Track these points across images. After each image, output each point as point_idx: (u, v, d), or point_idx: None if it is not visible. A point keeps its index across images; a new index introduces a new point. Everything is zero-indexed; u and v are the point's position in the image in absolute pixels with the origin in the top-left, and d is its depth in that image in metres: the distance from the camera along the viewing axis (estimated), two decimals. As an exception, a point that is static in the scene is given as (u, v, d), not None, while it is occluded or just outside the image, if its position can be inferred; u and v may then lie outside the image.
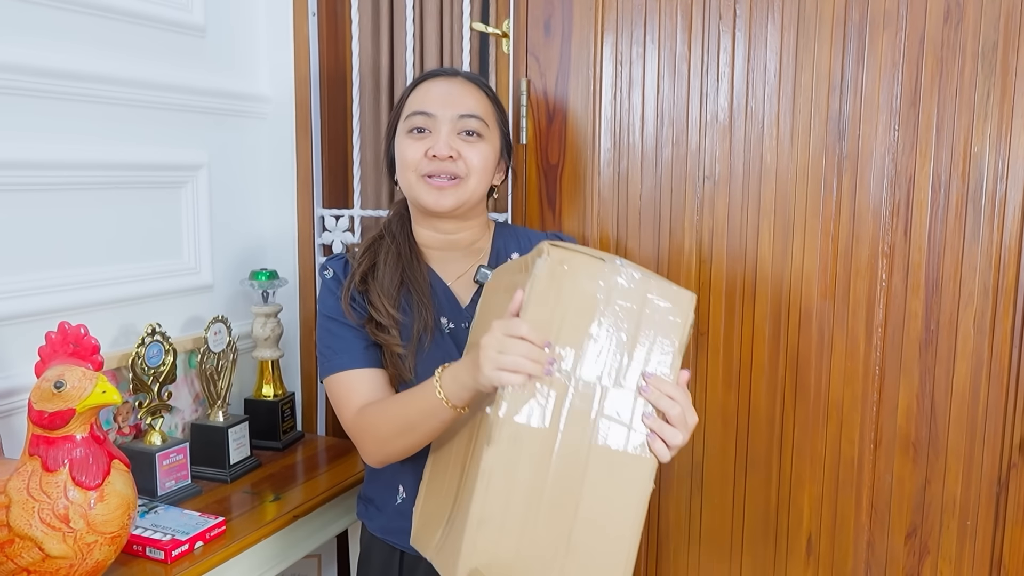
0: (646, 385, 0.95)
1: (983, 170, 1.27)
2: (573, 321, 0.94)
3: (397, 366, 1.17)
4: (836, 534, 1.42)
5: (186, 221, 1.60)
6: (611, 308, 0.95)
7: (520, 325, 0.91)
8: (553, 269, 0.94)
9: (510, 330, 0.91)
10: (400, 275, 1.21)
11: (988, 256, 1.28)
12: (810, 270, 1.38)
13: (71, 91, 1.36)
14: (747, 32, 1.38)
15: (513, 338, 0.91)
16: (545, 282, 0.93)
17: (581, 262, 0.95)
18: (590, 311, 0.95)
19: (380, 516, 1.26)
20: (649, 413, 0.95)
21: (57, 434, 1.06)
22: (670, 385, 0.96)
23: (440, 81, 1.24)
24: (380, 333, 1.18)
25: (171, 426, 1.56)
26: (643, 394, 0.95)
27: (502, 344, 0.91)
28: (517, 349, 0.91)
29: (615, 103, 1.48)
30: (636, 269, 0.97)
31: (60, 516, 1.04)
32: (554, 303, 0.94)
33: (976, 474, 1.32)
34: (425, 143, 1.20)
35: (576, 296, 0.94)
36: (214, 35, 1.64)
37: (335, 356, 1.19)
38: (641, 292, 0.96)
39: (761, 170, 1.40)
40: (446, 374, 1.02)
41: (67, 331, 1.11)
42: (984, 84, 1.26)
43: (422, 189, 1.20)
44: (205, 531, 1.25)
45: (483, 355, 0.92)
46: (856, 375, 1.37)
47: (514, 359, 0.90)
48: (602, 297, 0.95)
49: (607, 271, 0.95)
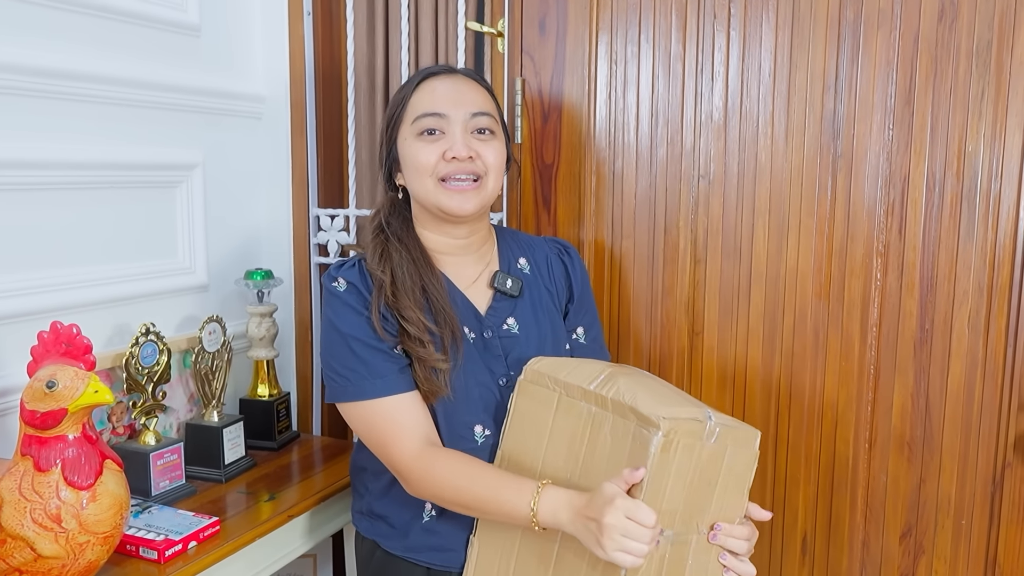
0: (715, 534, 1.03)
1: (977, 169, 1.27)
2: (674, 486, 0.99)
3: (432, 382, 1.13)
4: (831, 534, 1.42)
5: (181, 221, 1.60)
6: (702, 465, 1.00)
7: (649, 515, 0.94)
8: (667, 444, 0.97)
9: (638, 517, 0.94)
10: (420, 284, 1.16)
11: (983, 255, 1.28)
12: (805, 269, 1.38)
13: (65, 90, 1.36)
14: (741, 31, 1.38)
15: (637, 525, 0.94)
16: (660, 457, 0.97)
17: (686, 428, 0.99)
18: (687, 472, 0.99)
19: (402, 535, 1.21)
20: (724, 554, 1.04)
21: (49, 434, 1.06)
22: (738, 528, 1.04)
23: (444, 79, 1.20)
24: (419, 348, 1.12)
25: (166, 426, 1.56)
26: (712, 542, 1.03)
27: (626, 529, 0.94)
28: (643, 536, 0.94)
29: (610, 102, 1.48)
30: (721, 419, 1.03)
31: (52, 516, 1.04)
32: (665, 475, 0.98)
33: (971, 473, 1.32)
34: (440, 145, 1.16)
35: (680, 462, 0.99)
36: (209, 34, 1.64)
37: (365, 381, 1.13)
38: (723, 443, 1.02)
39: (756, 169, 1.40)
40: (545, 502, 1.02)
41: (59, 331, 1.10)
42: (978, 83, 1.26)
43: (442, 194, 1.16)
44: (199, 531, 1.25)
45: (607, 536, 0.94)
46: (851, 374, 1.37)
47: (637, 545, 0.94)
48: (696, 459, 1.00)
49: (705, 432, 1.00)
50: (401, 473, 1.14)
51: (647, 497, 0.96)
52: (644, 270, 1.49)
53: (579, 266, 1.33)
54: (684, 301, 1.47)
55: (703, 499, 1.02)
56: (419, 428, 1.14)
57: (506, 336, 1.21)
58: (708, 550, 1.03)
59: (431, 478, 1.11)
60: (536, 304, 1.26)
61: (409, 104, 1.19)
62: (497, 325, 1.22)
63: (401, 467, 1.13)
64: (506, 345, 1.21)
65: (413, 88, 1.20)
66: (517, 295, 1.24)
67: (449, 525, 1.18)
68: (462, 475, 1.09)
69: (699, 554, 1.03)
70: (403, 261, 1.18)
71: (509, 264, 1.28)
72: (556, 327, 1.26)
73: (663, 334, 1.49)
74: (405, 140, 1.19)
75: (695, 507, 1.01)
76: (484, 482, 1.08)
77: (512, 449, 1.15)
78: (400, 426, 1.13)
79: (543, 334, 1.23)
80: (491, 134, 1.19)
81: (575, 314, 1.30)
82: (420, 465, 1.11)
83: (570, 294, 1.31)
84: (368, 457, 1.23)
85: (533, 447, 1.11)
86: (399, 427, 1.13)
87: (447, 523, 1.19)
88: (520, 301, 1.24)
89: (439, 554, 1.19)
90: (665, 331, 1.49)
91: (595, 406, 1.05)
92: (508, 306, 1.23)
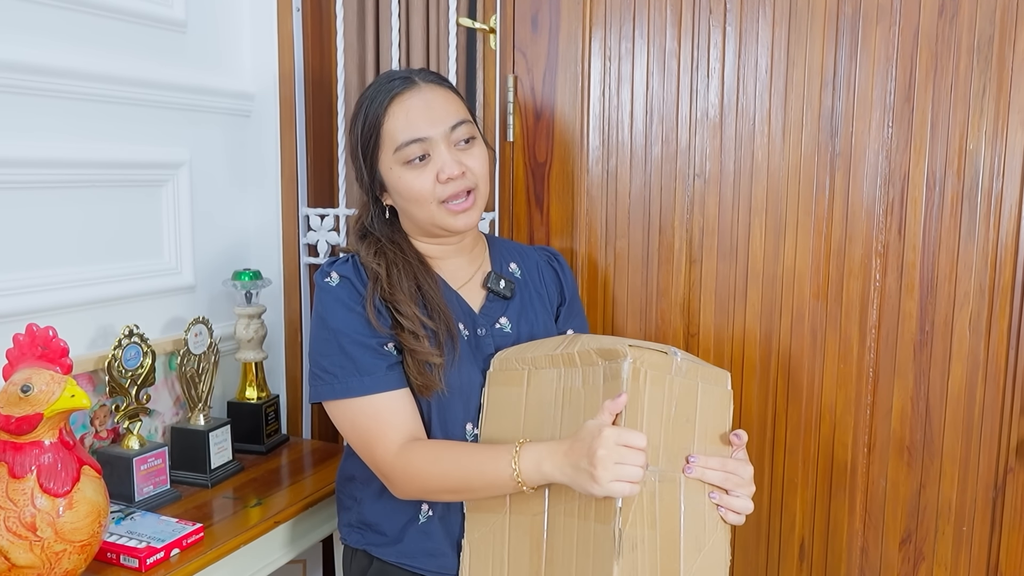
0: (688, 467, 1.02)
1: (979, 167, 1.24)
2: (650, 418, 1.00)
3: (427, 376, 1.11)
4: (829, 539, 1.39)
5: (167, 220, 1.57)
6: (675, 399, 1.02)
7: (639, 436, 0.93)
8: (636, 371, 0.98)
9: (628, 441, 0.93)
10: (415, 282, 1.16)
11: (984, 255, 1.25)
12: (802, 270, 1.36)
13: (46, 87, 1.33)
14: (738, 27, 1.35)
15: (630, 449, 0.93)
16: (632, 385, 0.98)
17: (651, 359, 1.00)
18: (661, 405, 1.01)
19: (394, 541, 1.18)
20: (713, 492, 1.04)
21: (24, 439, 1.03)
22: (713, 459, 1.03)
23: (412, 96, 1.14)
24: (414, 342, 1.11)
25: (151, 429, 1.53)
26: (687, 475, 1.02)
27: (621, 455, 0.92)
28: (635, 459, 0.93)
29: (604, 100, 1.45)
30: (686, 357, 1.04)
31: (27, 524, 1.01)
32: (637, 403, 0.99)
33: (972, 478, 1.29)
34: (430, 169, 1.13)
35: (651, 393, 1.00)
36: (195, 30, 1.61)
37: (352, 378, 1.11)
38: (693, 380, 1.04)
39: (752, 168, 1.37)
40: (526, 458, 1.01)
41: (35, 333, 1.07)
42: (980, 79, 1.23)
43: (445, 216, 1.15)
44: (182, 538, 1.22)
45: (601, 467, 0.92)
46: (849, 377, 1.35)
47: (632, 470, 0.93)
48: (668, 391, 1.01)
49: (668, 363, 1.02)
50: (385, 473, 1.12)
51: (627, 424, 0.96)
52: (639, 270, 1.46)
53: (568, 272, 1.34)
54: (679, 302, 1.44)
55: (682, 437, 1.02)
56: (405, 426, 1.11)
57: (499, 335, 1.21)
58: (700, 490, 1.03)
59: (413, 470, 1.09)
60: (528, 306, 1.26)
61: (384, 131, 1.15)
62: (490, 324, 1.21)
63: (384, 466, 1.11)
64: (499, 343, 1.21)
65: (384, 111, 1.15)
66: (510, 296, 1.24)
67: (443, 527, 1.17)
68: (443, 458, 1.08)
69: (691, 495, 1.02)
70: (397, 259, 1.17)
71: (501, 267, 1.28)
72: (548, 327, 1.27)
73: (658, 336, 1.46)
74: (391, 169, 1.16)
75: (677, 445, 1.02)
76: (465, 459, 1.07)
77: (490, 435, 1.13)
78: (385, 423, 1.11)
79: (535, 334, 1.23)
80: (472, 140, 1.18)
81: (566, 317, 1.31)
82: (400, 462, 1.10)
83: (561, 298, 1.32)
84: (356, 464, 1.21)
85: (511, 426, 1.10)
86: (384, 425, 1.11)
87: (442, 525, 1.17)
88: (512, 302, 1.25)
89: (434, 559, 1.17)
90: (660, 333, 1.46)
91: (563, 367, 1.06)
92: (500, 306, 1.24)
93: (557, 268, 1.33)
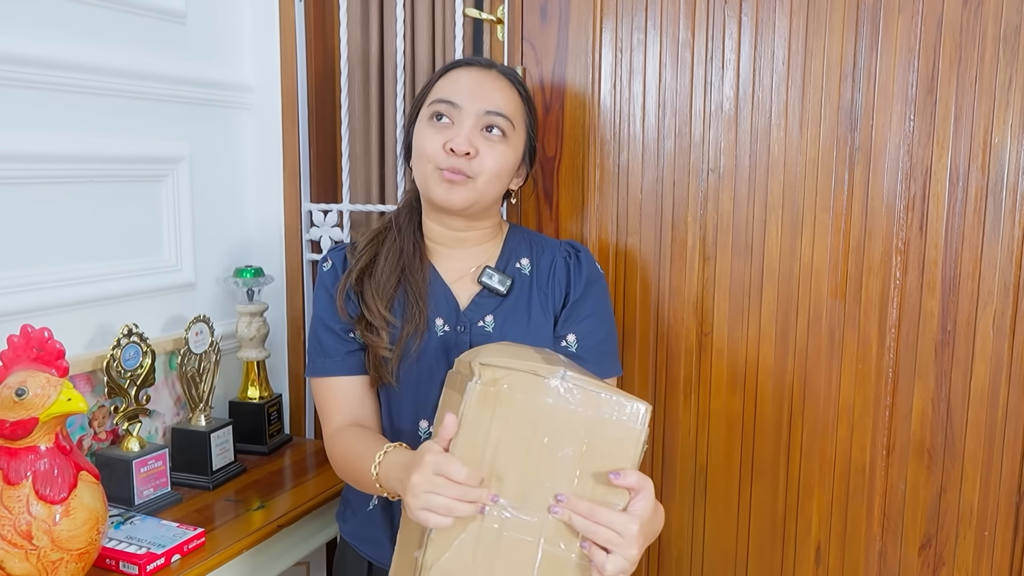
0: (556, 506, 0.89)
1: (1004, 161, 1.21)
2: (507, 447, 0.89)
3: (380, 369, 1.15)
4: (846, 544, 1.36)
5: (166, 216, 1.54)
6: (551, 430, 0.89)
7: (455, 467, 0.85)
8: (486, 392, 0.88)
9: (445, 471, 0.86)
10: (399, 273, 1.17)
11: (1008, 252, 1.22)
12: (820, 267, 1.32)
13: (42, 79, 1.30)
14: (754, 17, 1.32)
15: (446, 480, 0.86)
16: (477, 408, 0.88)
17: (518, 380, 0.89)
18: (527, 435, 0.89)
19: (353, 519, 1.24)
20: (584, 542, 0.89)
21: (19, 445, 1.00)
22: (585, 504, 0.89)
23: (473, 70, 1.16)
24: (369, 334, 1.15)
25: (151, 430, 1.50)
26: (554, 514, 0.89)
27: (433, 484, 0.86)
28: (449, 492, 0.85)
29: (615, 92, 1.41)
30: (581, 383, 0.90)
31: (22, 532, 0.98)
32: (488, 428, 0.89)
33: (994, 482, 1.26)
34: (445, 135, 1.12)
35: (513, 419, 0.89)
36: (195, 21, 1.57)
37: (318, 359, 1.19)
38: (586, 410, 0.90)
39: (768, 162, 1.33)
40: (386, 464, 0.99)
41: (30, 334, 1.04)
42: (1006, 70, 1.19)
43: (434, 182, 1.13)
44: (183, 543, 1.19)
45: (411, 494, 0.87)
46: (868, 378, 1.31)
47: (444, 502, 0.85)
48: (535, 418, 0.89)
49: (547, 388, 0.89)
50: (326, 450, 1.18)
51: (461, 451, 0.88)
52: (650, 267, 1.43)
53: (585, 269, 1.21)
54: (692, 300, 1.41)
55: (558, 474, 0.90)
56: (348, 410, 1.17)
57: (478, 333, 1.16)
58: (570, 537, 0.90)
59: (333, 454, 1.15)
60: (522, 307, 1.18)
61: (433, 89, 1.17)
62: (473, 321, 1.17)
63: (326, 443, 1.18)
64: (476, 343, 1.14)
65: (445, 73, 1.18)
66: (504, 293, 1.18)
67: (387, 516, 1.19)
68: (348, 449, 1.11)
69: (554, 538, 0.90)
70: (393, 247, 1.19)
71: (508, 263, 1.21)
72: (540, 331, 1.17)
73: (670, 334, 1.43)
74: (419, 122, 1.17)
75: (548, 481, 0.90)
76: (357, 454, 1.08)
77: None
78: (332, 405, 1.17)
79: (517, 338, 1.15)
80: (501, 136, 1.13)
81: (566, 319, 1.19)
82: (330, 443, 1.16)
83: (566, 299, 1.20)
84: None
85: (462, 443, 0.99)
86: (332, 406, 1.18)
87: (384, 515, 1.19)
88: (505, 301, 1.18)
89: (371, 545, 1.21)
90: (672, 331, 1.42)
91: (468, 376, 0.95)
92: (490, 304, 1.18)
93: (572, 264, 1.21)
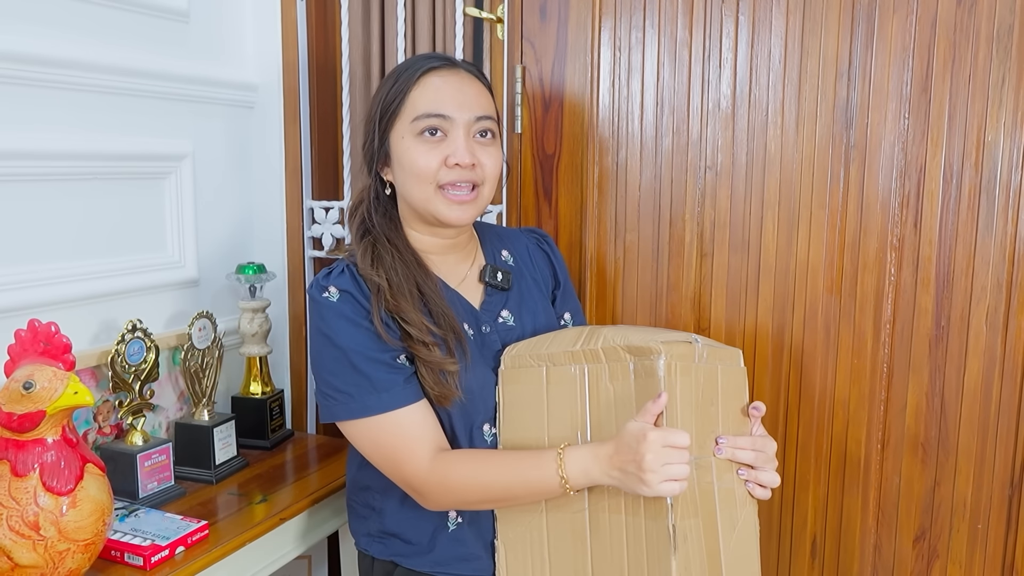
0: (718, 448, 1.04)
1: (997, 159, 1.22)
2: (683, 409, 1.01)
3: (443, 385, 1.08)
4: (842, 537, 1.37)
5: (170, 213, 1.55)
6: (701, 386, 1.04)
7: (683, 436, 0.96)
8: (669, 368, 1.00)
9: (673, 442, 0.95)
10: (416, 287, 1.11)
11: (1001, 249, 1.23)
12: (816, 264, 1.33)
13: (47, 78, 1.31)
14: (751, 16, 1.33)
15: (675, 449, 0.95)
16: (667, 380, 1.00)
17: (679, 351, 1.02)
18: (691, 395, 1.02)
19: (425, 551, 1.15)
20: (742, 469, 1.06)
21: (27, 437, 1.01)
22: (740, 439, 1.05)
23: (447, 75, 1.12)
24: (423, 351, 1.07)
25: (155, 425, 1.51)
26: (718, 455, 1.04)
27: (667, 456, 0.95)
28: (681, 458, 0.95)
29: (613, 90, 1.43)
30: (704, 341, 1.06)
31: (30, 524, 0.99)
32: (674, 398, 1.00)
33: (988, 475, 1.28)
34: (441, 149, 1.10)
35: (683, 384, 1.01)
36: (198, 20, 1.59)
37: (369, 396, 1.07)
38: (713, 364, 1.05)
39: (765, 160, 1.35)
40: (572, 464, 1.02)
41: (37, 329, 1.05)
42: (999, 69, 1.21)
43: (440, 203, 1.11)
44: (187, 535, 1.21)
45: (650, 472, 0.94)
46: (863, 373, 1.33)
47: (679, 468, 0.95)
48: (695, 380, 1.03)
49: (692, 352, 1.03)
50: (417, 489, 1.09)
51: (670, 423, 0.98)
52: (649, 264, 1.44)
53: (558, 253, 1.33)
54: (690, 296, 1.42)
55: (710, 421, 1.04)
56: (430, 439, 1.09)
57: (503, 329, 1.19)
58: (729, 469, 1.05)
59: (451, 484, 1.06)
60: (526, 294, 1.24)
61: (408, 99, 1.12)
62: (492, 319, 1.19)
63: (416, 483, 1.08)
64: (504, 338, 1.18)
65: (414, 82, 1.12)
66: (508, 287, 1.21)
67: (474, 530, 1.15)
68: (482, 471, 1.07)
69: (722, 475, 1.04)
70: (396, 263, 1.12)
71: (494, 258, 1.25)
72: (548, 315, 1.25)
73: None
74: (402, 138, 1.12)
75: (706, 430, 1.04)
76: (507, 469, 1.06)
77: (512, 438, 1.11)
78: (412, 439, 1.07)
79: (537, 323, 1.21)
80: (492, 137, 1.15)
81: (562, 300, 1.30)
82: (435, 477, 1.07)
83: (555, 281, 1.30)
84: (372, 475, 1.17)
85: (535, 427, 1.09)
86: (411, 440, 1.07)
87: (473, 529, 1.15)
88: (511, 293, 1.22)
89: (468, 564, 1.15)
90: (671, 326, 1.44)
91: (587, 363, 1.06)
92: (500, 299, 1.21)
93: (547, 250, 1.31)
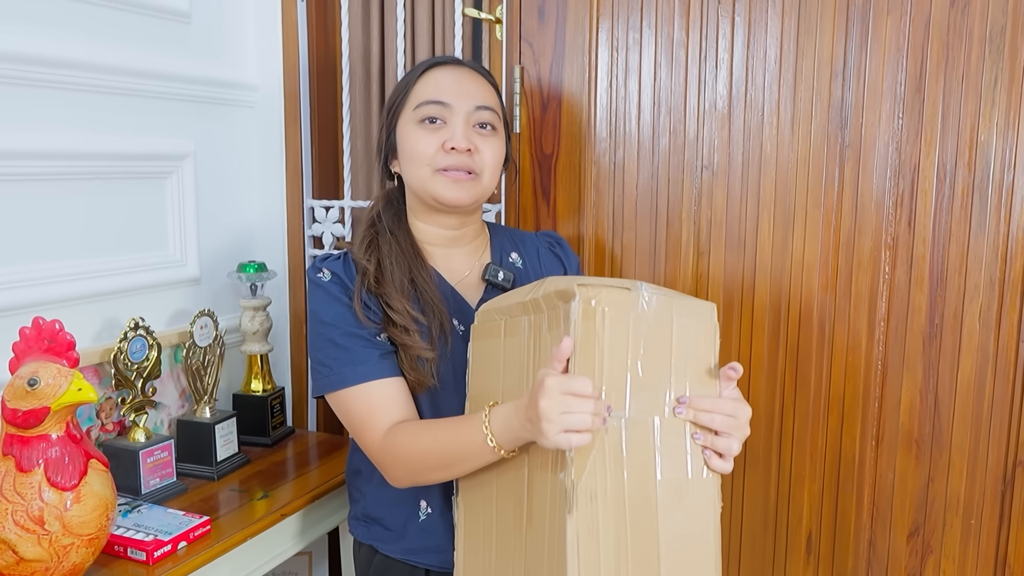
0: (680, 407, 0.94)
1: (990, 159, 1.23)
2: (611, 360, 0.92)
3: (419, 371, 1.10)
4: (837, 532, 1.39)
5: (171, 212, 1.57)
6: (643, 337, 0.93)
7: (583, 382, 0.87)
8: (587, 310, 0.91)
9: (572, 388, 0.87)
10: (409, 275, 1.14)
11: (995, 248, 1.25)
12: (811, 262, 1.35)
13: (50, 79, 1.32)
14: (746, 17, 1.34)
15: (576, 397, 0.87)
16: (583, 325, 0.91)
17: (609, 296, 0.92)
18: (625, 345, 0.93)
19: (398, 537, 1.18)
20: (698, 433, 0.94)
21: (31, 433, 1.03)
22: (707, 400, 0.94)
23: (450, 69, 1.18)
24: (403, 335, 1.09)
25: (157, 422, 1.53)
26: (678, 416, 0.94)
27: (565, 404, 0.87)
28: (583, 407, 0.87)
29: (611, 91, 1.44)
30: (656, 291, 0.96)
31: (34, 518, 1.00)
32: (593, 345, 0.91)
33: (981, 472, 1.29)
34: (440, 135, 1.14)
35: (611, 332, 0.92)
36: (199, 21, 1.60)
37: (346, 368, 1.10)
38: (667, 314, 0.95)
39: (761, 160, 1.36)
40: (496, 422, 0.97)
41: (41, 327, 1.07)
42: (992, 70, 1.22)
43: (439, 183, 1.14)
44: (189, 531, 1.22)
45: (545, 420, 0.87)
46: (858, 370, 1.34)
47: (580, 418, 0.86)
48: (632, 328, 0.93)
49: (633, 299, 0.93)
50: (377, 460, 1.11)
51: (579, 370, 0.90)
52: (646, 263, 1.45)
53: (572, 256, 1.31)
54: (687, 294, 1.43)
55: (658, 378, 0.94)
56: (395, 412, 1.10)
57: None
58: (679, 431, 0.94)
59: (398, 451, 1.07)
60: None
61: (412, 91, 1.17)
62: None
63: (375, 452, 1.10)
64: None
65: (418, 76, 1.18)
66: (510, 288, 1.22)
67: (445, 523, 1.16)
68: (422, 436, 1.05)
69: (669, 436, 0.94)
70: (392, 252, 1.15)
71: (502, 258, 1.26)
72: None
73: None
74: (405, 127, 1.17)
75: (650, 387, 0.94)
76: (442, 433, 1.04)
77: (476, 393, 1.09)
78: (377, 410, 1.09)
79: None
80: (492, 130, 1.17)
81: None
82: (387, 445, 1.08)
83: None
84: (361, 458, 1.20)
85: (492, 380, 1.06)
86: (376, 411, 1.09)
87: (444, 521, 1.16)
88: None
89: (438, 555, 1.16)
90: (667, 325, 1.45)
91: (532, 313, 0.99)
92: None
93: (560, 253, 1.30)
